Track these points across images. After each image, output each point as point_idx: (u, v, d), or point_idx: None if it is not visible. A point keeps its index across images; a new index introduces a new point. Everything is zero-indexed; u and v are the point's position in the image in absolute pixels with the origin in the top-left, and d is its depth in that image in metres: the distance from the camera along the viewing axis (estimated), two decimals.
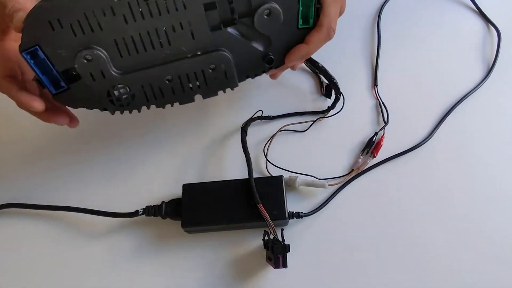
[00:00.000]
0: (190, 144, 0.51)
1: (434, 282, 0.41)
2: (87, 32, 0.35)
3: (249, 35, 0.39)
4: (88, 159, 0.51)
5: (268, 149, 0.48)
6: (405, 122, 0.50)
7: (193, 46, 0.38)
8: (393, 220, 0.44)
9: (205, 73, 0.40)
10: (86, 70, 0.37)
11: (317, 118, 0.51)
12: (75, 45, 0.36)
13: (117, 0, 0.34)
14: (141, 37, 0.36)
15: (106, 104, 0.40)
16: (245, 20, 0.38)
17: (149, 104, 0.41)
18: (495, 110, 0.50)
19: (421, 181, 0.46)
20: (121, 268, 0.44)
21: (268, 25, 0.38)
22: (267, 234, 0.41)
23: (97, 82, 0.38)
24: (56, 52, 0.36)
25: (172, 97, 0.41)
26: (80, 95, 0.39)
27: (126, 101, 0.40)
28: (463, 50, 0.55)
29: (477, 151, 0.47)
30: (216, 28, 0.38)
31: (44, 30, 0.34)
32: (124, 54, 0.37)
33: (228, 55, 0.39)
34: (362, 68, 0.55)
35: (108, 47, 0.36)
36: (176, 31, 0.37)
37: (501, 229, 0.43)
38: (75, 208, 0.46)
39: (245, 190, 0.43)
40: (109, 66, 0.37)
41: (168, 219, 0.45)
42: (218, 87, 0.42)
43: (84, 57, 0.36)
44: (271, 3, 0.37)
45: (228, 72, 0.40)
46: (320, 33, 0.40)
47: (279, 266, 0.38)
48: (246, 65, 0.41)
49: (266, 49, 0.41)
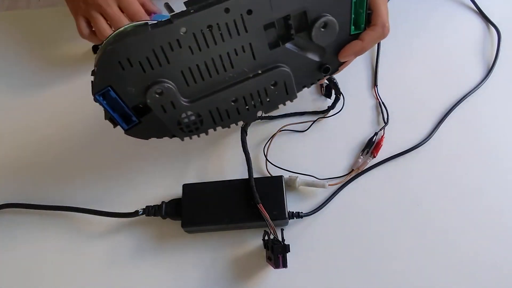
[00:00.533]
0: (190, 144, 0.51)
1: (434, 281, 0.41)
2: (155, 67, 0.36)
3: (305, 47, 0.40)
4: (88, 159, 0.51)
5: (268, 149, 0.48)
6: (405, 122, 0.50)
7: (254, 65, 0.39)
8: (393, 220, 0.44)
9: (267, 90, 0.41)
10: (157, 103, 0.38)
11: (317, 118, 0.51)
12: (144, 81, 0.37)
13: (183, 33, 0.35)
14: (207, 65, 0.37)
15: (176, 132, 0.42)
16: (301, 34, 0.39)
17: (216, 126, 0.42)
18: (495, 110, 0.50)
19: (421, 181, 0.46)
20: (121, 268, 0.44)
21: (325, 36, 0.39)
22: (267, 234, 0.41)
23: (168, 113, 0.39)
24: (126, 89, 0.37)
25: (237, 117, 0.42)
26: (151, 127, 0.41)
27: (195, 126, 0.41)
28: (463, 50, 0.55)
29: (477, 151, 0.47)
30: (275, 45, 0.39)
31: (115, 71, 0.36)
32: (191, 83, 0.38)
33: (287, 69, 0.40)
34: (362, 68, 0.55)
35: (176, 79, 0.37)
36: (238, 54, 0.38)
37: (501, 229, 0.43)
38: (75, 208, 0.46)
39: (245, 190, 0.43)
40: (178, 97, 0.38)
41: (168, 219, 0.45)
42: (279, 101, 0.42)
43: (155, 92, 0.37)
44: (326, 16, 0.38)
45: (288, 86, 0.41)
46: (375, 31, 0.40)
47: (279, 266, 0.38)
48: (303, 76, 0.42)
49: (321, 59, 0.42)
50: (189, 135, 0.42)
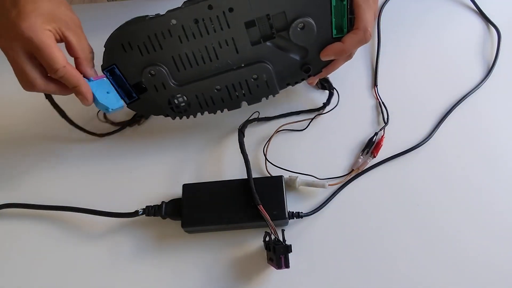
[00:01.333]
0: (190, 144, 0.51)
1: (434, 281, 0.41)
2: (151, 51, 0.43)
3: (287, 47, 0.44)
4: (88, 159, 0.51)
5: (267, 149, 0.48)
6: (405, 122, 0.50)
7: (238, 59, 0.44)
8: (393, 220, 0.44)
9: (248, 82, 0.45)
10: (151, 83, 0.45)
11: (315, 116, 0.51)
12: (142, 63, 0.43)
13: (173, 24, 0.41)
14: (194, 54, 0.43)
15: (168, 111, 0.47)
16: (282, 33, 0.43)
17: (202, 111, 0.48)
18: (495, 110, 0.50)
19: (421, 181, 0.46)
20: (121, 268, 0.44)
21: (303, 37, 0.43)
22: (268, 235, 0.41)
23: (160, 92, 0.45)
24: (128, 69, 0.44)
25: (221, 104, 0.47)
26: (148, 104, 0.47)
27: (184, 108, 0.47)
28: (463, 50, 0.55)
29: (477, 151, 0.47)
30: (256, 42, 0.43)
31: (119, 52, 0.43)
32: (181, 69, 0.44)
33: (268, 66, 0.44)
34: (362, 68, 0.55)
35: (167, 63, 0.44)
36: (222, 47, 0.43)
37: (501, 229, 0.43)
38: (75, 208, 0.46)
39: (245, 190, 0.43)
40: (169, 79, 0.44)
41: (168, 219, 0.45)
42: (261, 94, 0.47)
43: (149, 72, 0.44)
44: (304, 18, 0.41)
45: (269, 81, 0.45)
46: (357, 35, 0.42)
47: (282, 267, 0.38)
48: (286, 74, 0.46)
49: (303, 59, 0.45)
50: (179, 116, 0.48)
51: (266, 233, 0.41)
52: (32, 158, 0.52)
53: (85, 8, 0.65)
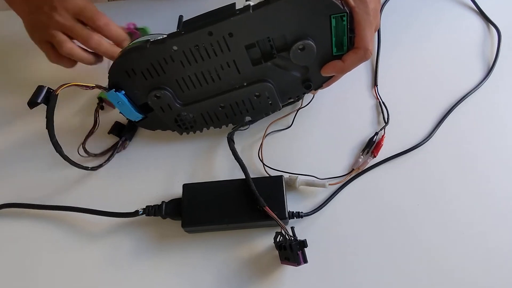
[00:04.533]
0: (190, 144, 0.51)
1: (434, 281, 0.41)
2: (154, 76, 0.44)
3: (287, 66, 0.44)
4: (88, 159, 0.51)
5: (262, 153, 0.48)
6: (406, 122, 0.50)
7: (240, 79, 0.45)
8: (393, 220, 0.44)
9: (251, 100, 0.47)
10: (157, 104, 0.46)
11: (298, 109, 0.51)
12: (146, 86, 0.45)
13: (174, 50, 0.42)
14: (197, 76, 0.44)
15: (174, 127, 0.49)
16: (283, 53, 0.43)
17: (208, 126, 0.49)
18: (495, 110, 0.50)
19: (421, 180, 0.46)
20: (121, 268, 0.44)
21: (303, 57, 0.43)
22: (279, 235, 0.41)
23: (166, 113, 0.47)
24: (133, 92, 0.46)
25: (226, 120, 0.49)
26: (155, 121, 0.49)
27: (190, 124, 0.49)
28: (463, 50, 0.55)
29: (477, 151, 0.47)
30: (257, 63, 0.44)
31: (123, 78, 0.44)
32: (185, 90, 0.45)
33: (270, 84, 0.45)
34: (362, 68, 0.55)
35: (171, 86, 0.45)
36: (224, 68, 0.43)
37: (501, 229, 0.43)
38: (75, 208, 0.46)
39: (245, 190, 0.43)
40: (174, 100, 0.46)
41: (168, 219, 0.45)
42: (263, 110, 0.48)
43: (154, 95, 0.45)
44: (304, 40, 0.41)
45: (271, 98, 0.47)
46: (357, 54, 0.42)
47: (301, 263, 0.38)
48: (288, 90, 0.47)
49: (304, 75, 0.45)
50: (186, 131, 0.50)
51: (277, 233, 0.41)
52: (32, 158, 0.52)
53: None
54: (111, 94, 0.45)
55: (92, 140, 0.50)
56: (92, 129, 0.50)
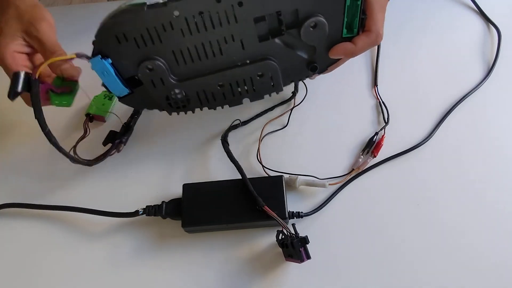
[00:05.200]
0: (190, 143, 0.51)
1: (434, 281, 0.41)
2: (149, 44, 0.39)
3: (295, 44, 0.41)
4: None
5: (260, 155, 0.48)
6: (406, 122, 0.50)
7: (243, 55, 0.41)
8: (393, 220, 0.44)
9: (253, 79, 0.43)
10: (147, 78, 0.41)
11: (292, 108, 0.51)
12: (137, 56, 0.40)
13: (176, 16, 0.37)
14: (196, 48, 0.40)
15: (165, 106, 0.45)
16: (292, 31, 0.40)
17: (202, 106, 0.45)
18: (495, 110, 0.50)
19: (421, 180, 0.46)
20: (121, 268, 0.44)
21: (314, 36, 0.40)
22: (281, 233, 0.41)
23: (157, 88, 0.42)
24: (121, 62, 0.40)
25: (222, 101, 0.45)
26: (143, 98, 0.44)
27: (182, 104, 0.44)
28: (463, 49, 0.55)
29: (477, 151, 0.47)
30: (264, 38, 0.40)
31: (111, 43, 0.39)
32: (181, 64, 0.41)
33: (275, 63, 0.42)
34: (362, 68, 0.55)
35: (167, 58, 0.40)
36: (227, 42, 0.40)
37: (502, 229, 0.43)
38: (75, 208, 0.46)
39: (245, 189, 0.43)
40: (168, 74, 0.41)
41: (168, 219, 0.45)
42: (265, 91, 0.45)
43: (146, 67, 0.40)
44: (317, 16, 0.39)
45: (274, 79, 0.43)
46: (368, 37, 0.41)
47: (304, 259, 0.38)
48: (291, 71, 0.44)
49: (310, 57, 0.43)
50: (177, 111, 0.45)
51: (278, 232, 0.41)
52: (32, 158, 0.52)
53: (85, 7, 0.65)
54: (96, 62, 0.39)
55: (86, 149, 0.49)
56: (83, 136, 0.50)
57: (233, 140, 0.49)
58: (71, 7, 0.65)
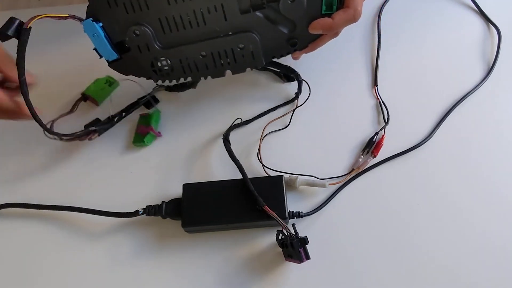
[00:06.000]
0: (191, 143, 0.51)
1: (433, 281, 0.41)
2: (137, 10, 0.41)
3: (276, 18, 0.44)
4: (88, 159, 0.51)
5: (261, 154, 0.48)
6: (406, 122, 0.50)
7: (225, 26, 0.43)
8: (394, 220, 0.44)
9: (234, 51, 0.45)
10: (134, 43, 0.43)
11: (295, 108, 0.51)
12: (126, 21, 0.42)
13: None
14: (181, 17, 0.42)
15: (150, 73, 0.46)
16: (273, 4, 0.42)
17: (185, 76, 0.47)
18: (495, 110, 0.50)
19: (421, 180, 0.46)
20: (121, 268, 0.44)
21: (292, 10, 0.42)
22: (281, 233, 0.41)
23: (143, 54, 0.44)
24: (112, 26, 0.43)
25: (205, 71, 0.47)
26: (130, 65, 0.46)
27: (166, 71, 0.46)
28: (463, 49, 0.55)
29: (477, 151, 0.47)
30: (246, 11, 0.42)
31: (103, 7, 0.41)
32: (167, 31, 0.43)
33: (255, 36, 0.44)
34: (362, 68, 0.55)
35: (153, 24, 0.42)
36: (210, 12, 0.42)
37: (500, 229, 0.43)
38: (75, 208, 0.46)
39: (245, 189, 0.43)
40: (153, 41, 0.43)
41: (168, 219, 0.45)
42: (246, 64, 0.47)
43: (133, 32, 0.42)
44: None
45: (255, 52, 0.45)
46: (347, 13, 0.42)
47: (303, 260, 0.38)
48: (273, 46, 0.46)
49: (291, 32, 0.45)
50: (161, 79, 0.47)
51: (278, 232, 0.41)
52: (32, 158, 0.52)
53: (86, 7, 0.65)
54: (88, 24, 0.41)
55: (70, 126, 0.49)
56: (68, 113, 0.50)
57: (233, 140, 0.49)
58: (71, 7, 0.65)
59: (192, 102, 0.54)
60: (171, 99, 0.55)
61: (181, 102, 0.54)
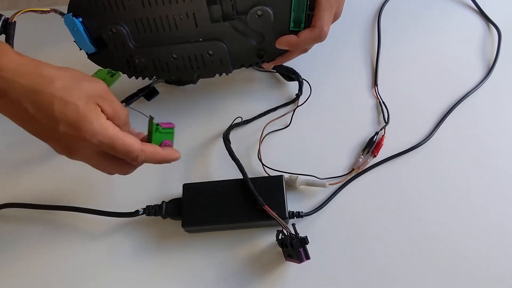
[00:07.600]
0: (190, 143, 0.51)
1: (433, 281, 0.41)
2: (114, 9, 0.43)
3: (244, 30, 0.45)
4: None
5: (261, 154, 0.48)
6: (406, 122, 0.50)
7: (196, 33, 0.45)
8: (393, 220, 0.44)
9: (203, 57, 0.47)
10: (111, 40, 0.45)
11: (295, 108, 0.51)
12: (104, 19, 0.44)
13: None
14: (155, 20, 0.44)
15: (124, 68, 0.49)
16: (242, 17, 0.44)
17: (158, 75, 0.49)
18: (495, 109, 0.50)
19: (421, 180, 0.46)
20: (121, 267, 0.44)
21: (260, 23, 0.44)
22: (281, 233, 0.41)
23: (119, 51, 0.46)
24: (91, 22, 0.44)
25: (175, 73, 0.49)
26: (108, 59, 0.48)
27: (140, 69, 0.48)
28: (464, 49, 0.55)
29: (477, 151, 0.47)
30: (216, 20, 0.44)
31: (83, 4, 0.43)
32: (141, 32, 0.45)
33: (224, 45, 0.46)
34: (362, 68, 0.55)
35: (129, 24, 0.45)
36: (182, 18, 0.44)
37: (500, 229, 0.43)
38: (75, 208, 0.46)
39: (245, 189, 0.43)
40: (128, 40, 0.45)
41: (169, 219, 0.45)
42: (214, 70, 0.49)
43: (110, 30, 0.45)
44: (263, 6, 0.43)
45: (223, 59, 0.47)
46: (312, 32, 0.43)
47: (303, 260, 0.38)
48: (241, 55, 0.48)
49: (259, 44, 0.47)
50: (135, 76, 0.49)
51: (278, 232, 0.41)
52: (32, 158, 0.52)
53: None
54: (68, 18, 0.43)
55: None
56: None
57: (234, 139, 0.49)
58: None
59: (192, 102, 0.54)
60: (171, 99, 0.55)
61: (181, 102, 0.55)
